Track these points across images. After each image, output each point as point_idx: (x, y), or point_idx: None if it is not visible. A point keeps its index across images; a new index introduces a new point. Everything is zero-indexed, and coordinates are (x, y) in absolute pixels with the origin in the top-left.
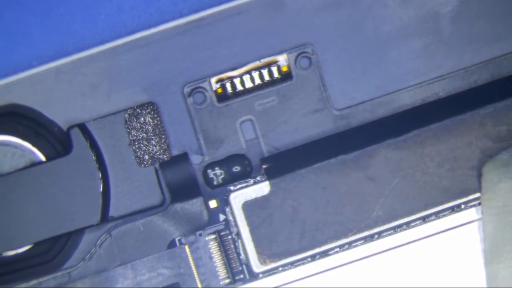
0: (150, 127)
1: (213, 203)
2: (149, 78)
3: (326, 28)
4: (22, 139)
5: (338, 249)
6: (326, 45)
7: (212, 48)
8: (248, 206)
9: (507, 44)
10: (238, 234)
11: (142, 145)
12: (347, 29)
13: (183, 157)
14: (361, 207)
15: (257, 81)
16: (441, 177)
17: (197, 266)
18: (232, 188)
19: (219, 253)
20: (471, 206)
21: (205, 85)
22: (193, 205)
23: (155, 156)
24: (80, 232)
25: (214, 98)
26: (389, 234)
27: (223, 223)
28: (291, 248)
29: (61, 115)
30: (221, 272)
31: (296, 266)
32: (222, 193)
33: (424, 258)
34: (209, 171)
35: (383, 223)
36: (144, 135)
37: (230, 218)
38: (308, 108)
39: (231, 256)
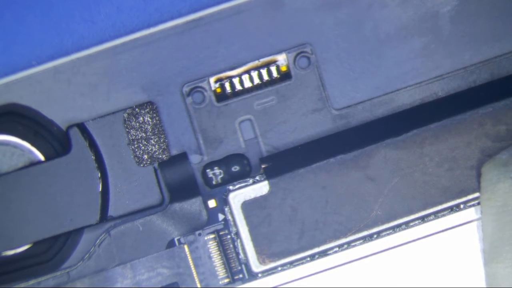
0: (149, 127)
1: (212, 203)
2: (148, 77)
3: (325, 28)
4: (21, 138)
5: (337, 248)
6: (325, 44)
7: (211, 47)
8: (247, 206)
9: (507, 44)
10: (237, 233)
11: (141, 145)
12: (346, 28)
13: (182, 157)
14: (360, 207)
15: (256, 80)
16: (440, 177)
17: (196, 266)
18: (231, 187)
19: (218, 252)
20: (470, 206)
21: (204, 84)
22: (192, 205)
23: (154, 156)
24: (79, 231)
25: (213, 98)
26: (388, 234)
27: (222, 222)
28: (290, 247)
29: (60, 114)
30: (220, 271)
31: (295, 265)
32: (221, 192)
33: (423, 258)
34: (208, 170)
35: (382, 223)
36: (143, 134)
37: (229, 217)
38: (307, 107)
39: (230, 256)
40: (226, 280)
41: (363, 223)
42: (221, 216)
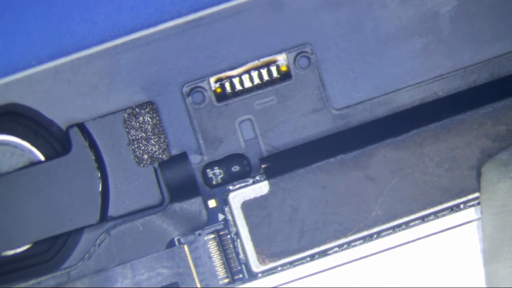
0: (149, 127)
1: (212, 203)
2: (148, 77)
3: (325, 28)
4: (21, 138)
5: (337, 248)
6: (325, 44)
7: (211, 47)
8: (247, 206)
9: (507, 44)
10: (237, 233)
11: (141, 145)
12: (347, 28)
13: (182, 157)
14: (360, 207)
15: (256, 80)
16: (440, 177)
17: (196, 266)
18: (231, 187)
19: (218, 252)
20: (470, 206)
21: (204, 84)
22: (192, 205)
23: (154, 156)
24: (79, 231)
25: (213, 98)
26: (388, 234)
27: (222, 222)
28: (290, 247)
29: (60, 114)
30: (220, 271)
31: (295, 265)
32: (221, 192)
33: (423, 258)
34: (208, 170)
35: (382, 223)
36: (143, 134)
37: (229, 217)
38: (307, 107)
39: (230, 256)
40: (226, 280)
41: (363, 223)
42: (221, 216)
